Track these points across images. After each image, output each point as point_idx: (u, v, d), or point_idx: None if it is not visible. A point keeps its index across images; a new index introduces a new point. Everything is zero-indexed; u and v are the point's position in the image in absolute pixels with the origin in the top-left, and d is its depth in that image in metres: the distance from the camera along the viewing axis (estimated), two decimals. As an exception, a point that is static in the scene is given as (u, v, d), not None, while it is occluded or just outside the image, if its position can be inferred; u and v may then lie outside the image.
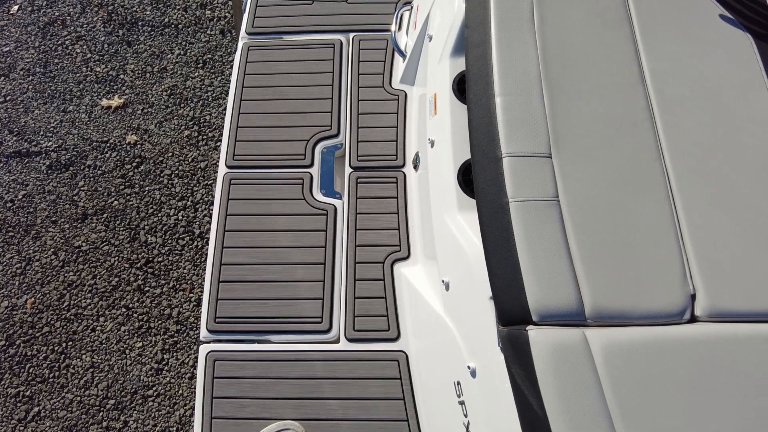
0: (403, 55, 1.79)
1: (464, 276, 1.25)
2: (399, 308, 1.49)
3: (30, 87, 2.77)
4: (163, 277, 2.35)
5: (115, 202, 2.49)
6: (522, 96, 1.19)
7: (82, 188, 2.53)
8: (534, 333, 0.98)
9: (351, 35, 1.86)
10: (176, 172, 2.56)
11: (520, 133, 1.15)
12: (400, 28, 1.86)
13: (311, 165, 1.64)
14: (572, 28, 1.28)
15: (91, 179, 2.55)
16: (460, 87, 1.46)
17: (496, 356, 1.09)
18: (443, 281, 1.34)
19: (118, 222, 2.45)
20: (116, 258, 2.38)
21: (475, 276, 1.20)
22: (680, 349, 0.96)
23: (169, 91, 2.75)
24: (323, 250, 1.54)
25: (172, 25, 2.94)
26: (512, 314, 1.03)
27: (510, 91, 1.20)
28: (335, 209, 1.58)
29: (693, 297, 1.02)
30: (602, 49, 1.26)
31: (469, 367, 1.18)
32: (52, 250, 2.41)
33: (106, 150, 2.62)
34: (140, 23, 2.95)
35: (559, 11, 1.31)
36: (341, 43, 1.83)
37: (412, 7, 1.87)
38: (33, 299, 2.32)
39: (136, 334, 2.25)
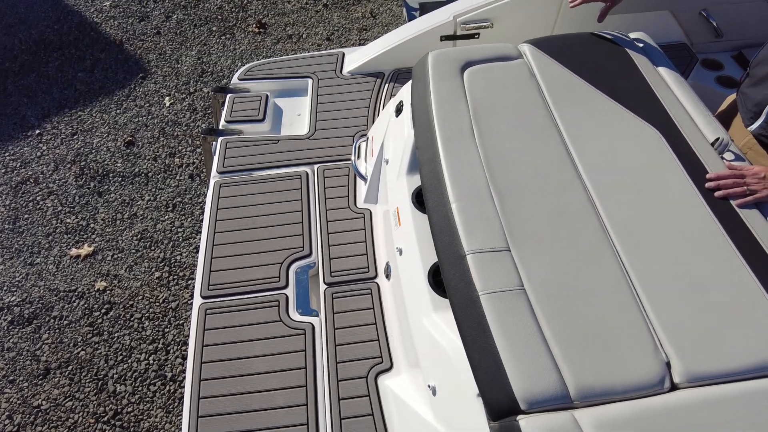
0: (364, 178, 1.95)
1: (448, 376, 1.25)
2: (388, 424, 1.43)
3: (-3, 245, 2.78)
4: (132, 429, 2.18)
5: (82, 352, 2.39)
6: (474, 200, 1.32)
7: (45, 341, 2.43)
8: (525, 422, 0.98)
9: (316, 166, 2.03)
10: (147, 314, 2.52)
11: (478, 232, 1.25)
12: (359, 156, 2.05)
13: (286, 286, 1.67)
14: (508, 138, 1.47)
15: (56, 331, 2.46)
16: (419, 199, 1.59)
17: (493, 455, 1.06)
18: (429, 386, 1.33)
19: (84, 373, 2.33)
20: (80, 414, 2.22)
21: (459, 374, 1.20)
22: (668, 419, 0.97)
23: (139, 236, 2.81)
24: (303, 372, 1.51)
25: (142, 174, 3.10)
26: (501, 407, 1.03)
27: (463, 197, 1.33)
28: (313, 327, 1.59)
29: (668, 365, 1.06)
30: (537, 152, 1.43)
31: (467, 474, 1.13)
32: (6, 413, 2.23)
33: (73, 299, 2.57)
34: (111, 175, 3.09)
35: (494, 126, 1.50)
36: (307, 174, 1.99)
37: (367, 138, 2.09)
38: (-19, 475, 2.09)
39: (99, 501, 2.02)
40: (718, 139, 1.48)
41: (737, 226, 1.28)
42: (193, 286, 2.61)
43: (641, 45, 1.81)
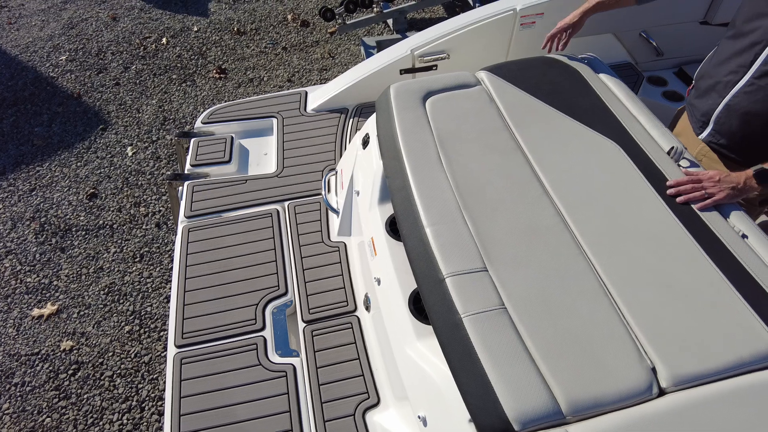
0: (336, 212, 1.94)
1: (438, 404, 1.22)
2: (379, 461, 1.38)
3: (-49, 312, 2.62)
4: (106, 497, 2.04)
5: (48, 420, 2.24)
6: (447, 223, 1.33)
7: (6, 411, 2.27)
8: (519, 443, 0.96)
9: (286, 203, 2.01)
10: (118, 371, 2.40)
11: (454, 255, 1.26)
12: (329, 190, 2.05)
13: (263, 328, 1.62)
14: (475, 161, 1.50)
15: (18, 399, 2.31)
16: (393, 227, 1.59)
17: (490, 482, 1.03)
18: (419, 417, 1.29)
19: (50, 442, 2.18)
20: (48, 487, 2.06)
21: (449, 400, 1.18)
22: (660, 424, 0.97)
23: (107, 290, 2.70)
24: (288, 416, 1.46)
25: (107, 226, 3.01)
26: (494, 430, 1.01)
27: (436, 221, 1.34)
28: (294, 368, 1.54)
29: (654, 370, 1.07)
30: (504, 173, 1.46)
31: (465, 505, 1.10)
32: (-33, 495, 2.05)
33: (36, 362, 2.43)
34: (74, 229, 2.99)
35: (460, 151, 1.53)
36: (278, 212, 1.97)
37: (336, 172, 2.09)
38: None
39: None
40: (672, 147, 1.55)
41: (701, 228, 1.33)
42: (167, 337, 2.51)
43: (592, 65, 1.90)
